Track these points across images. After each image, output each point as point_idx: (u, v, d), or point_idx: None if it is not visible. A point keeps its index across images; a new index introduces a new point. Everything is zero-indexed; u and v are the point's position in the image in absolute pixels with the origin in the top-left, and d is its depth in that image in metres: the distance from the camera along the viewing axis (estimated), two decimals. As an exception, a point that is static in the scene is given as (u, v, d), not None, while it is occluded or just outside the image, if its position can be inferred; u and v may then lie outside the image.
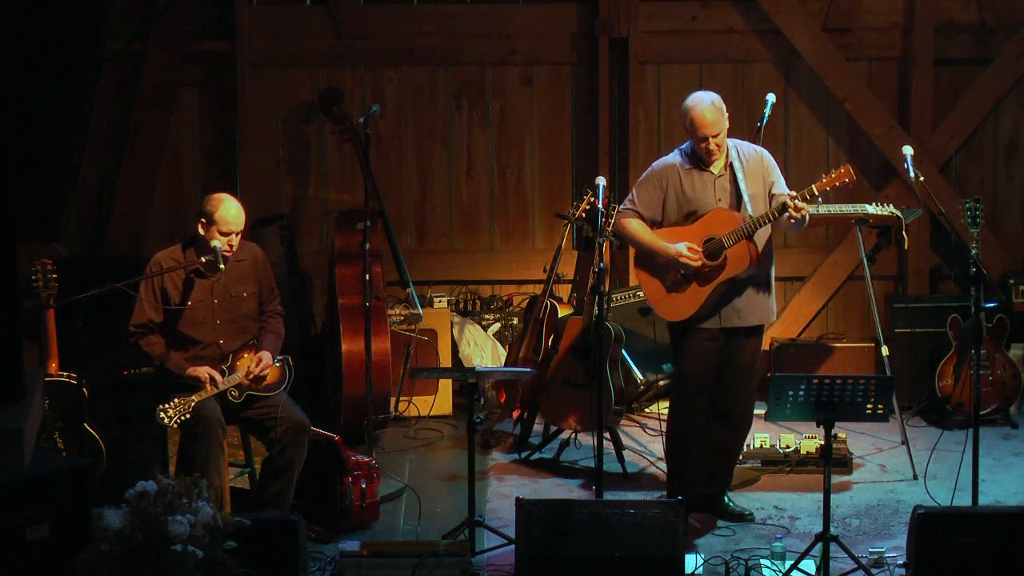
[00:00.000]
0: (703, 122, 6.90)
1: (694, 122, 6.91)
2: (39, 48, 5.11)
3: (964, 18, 9.43)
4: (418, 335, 8.76)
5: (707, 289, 6.97)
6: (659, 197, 7.04)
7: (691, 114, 6.92)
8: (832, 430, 6.36)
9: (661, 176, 7.06)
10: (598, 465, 6.89)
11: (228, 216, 6.85)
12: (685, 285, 7.01)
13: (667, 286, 7.04)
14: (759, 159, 7.10)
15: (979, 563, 6.13)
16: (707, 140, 6.91)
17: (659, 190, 7.04)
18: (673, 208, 7.04)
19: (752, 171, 7.03)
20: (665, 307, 7.09)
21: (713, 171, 7.00)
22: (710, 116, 6.90)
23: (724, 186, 7.01)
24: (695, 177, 7.01)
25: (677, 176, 7.03)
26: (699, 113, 6.90)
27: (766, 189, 7.06)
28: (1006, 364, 8.70)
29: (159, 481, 5.35)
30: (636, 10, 9.33)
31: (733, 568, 6.46)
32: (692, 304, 6.99)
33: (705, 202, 7.00)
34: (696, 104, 6.92)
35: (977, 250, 7.60)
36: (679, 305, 7.03)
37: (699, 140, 6.92)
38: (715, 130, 6.91)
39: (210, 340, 6.93)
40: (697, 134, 6.92)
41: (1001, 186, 9.60)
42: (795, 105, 9.52)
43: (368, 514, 7.17)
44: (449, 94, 9.57)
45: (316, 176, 9.57)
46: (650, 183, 7.08)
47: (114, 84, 9.23)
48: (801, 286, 9.61)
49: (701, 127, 6.90)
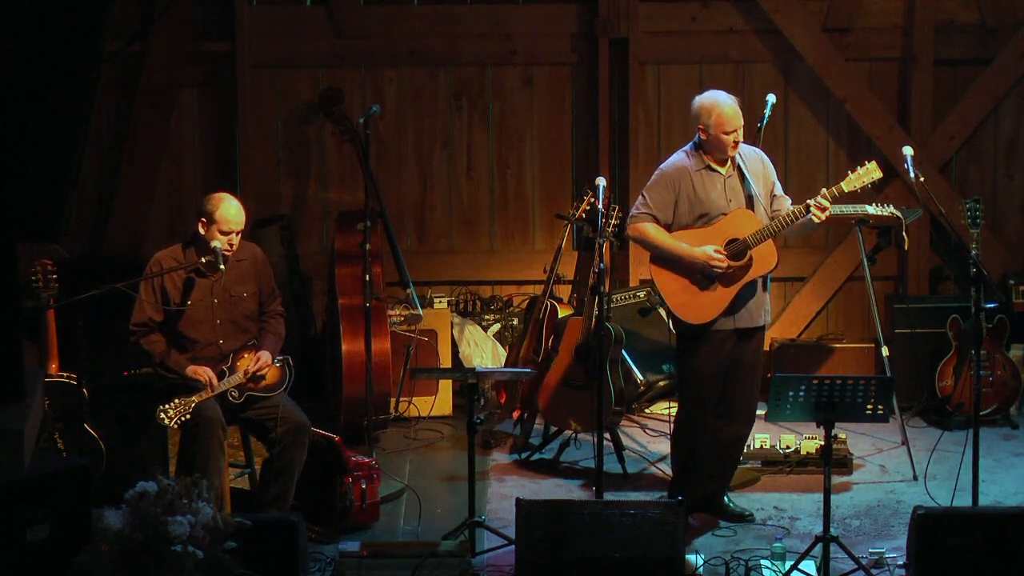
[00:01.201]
0: (729, 116, 6.91)
1: (722, 117, 6.90)
2: (39, 48, 5.11)
3: (964, 18, 9.43)
4: (418, 335, 8.76)
5: (733, 290, 6.96)
6: (672, 199, 7.03)
7: (717, 109, 6.91)
8: (832, 430, 6.37)
9: (673, 178, 7.04)
10: (598, 465, 6.89)
11: (228, 215, 6.85)
12: (710, 287, 7.00)
13: (691, 289, 7.00)
14: (759, 160, 7.12)
15: (979, 563, 6.13)
16: (735, 132, 6.92)
17: (672, 192, 7.03)
18: (684, 211, 7.02)
19: (755, 172, 7.05)
20: (689, 310, 7.02)
21: (722, 172, 7.01)
22: (732, 110, 6.93)
23: (734, 186, 7.01)
24: (706, 178, 7.01)
25: (688, 178, 7.02)
26: (724, 108, 6.91)
27: (768, 190, 7.07)
28: (1006, 364, 8.70)
29: (159, 481, 5.35)
30: (636, 10, 9.32)
31: (733, 568, 6.46)
32: (718, 306, 6.97)
33: (716, 203, 6.99)
34: (718, 100, 6.93)
35: (977, 250, 7.60)
36: (704, 307, 6.99)
37: (727, 134, 6.91)
38: (740, 123, 6.95)
39: (210, 340, 6.93)
40: (726, 128, 6.90)
41: (1001, 186, 9.60)
42: (795, 105, 9.52)
43: (368, 514, 7.17)
44: (449, 94, 9.57)
45: (316, 176, 9.57)
46: (662, 186, 7.04)
47: (114, 84, 9.23)
48: (801, 286, 9.61)
49: (729, 121, 6.90)
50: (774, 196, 7.09)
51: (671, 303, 7.08)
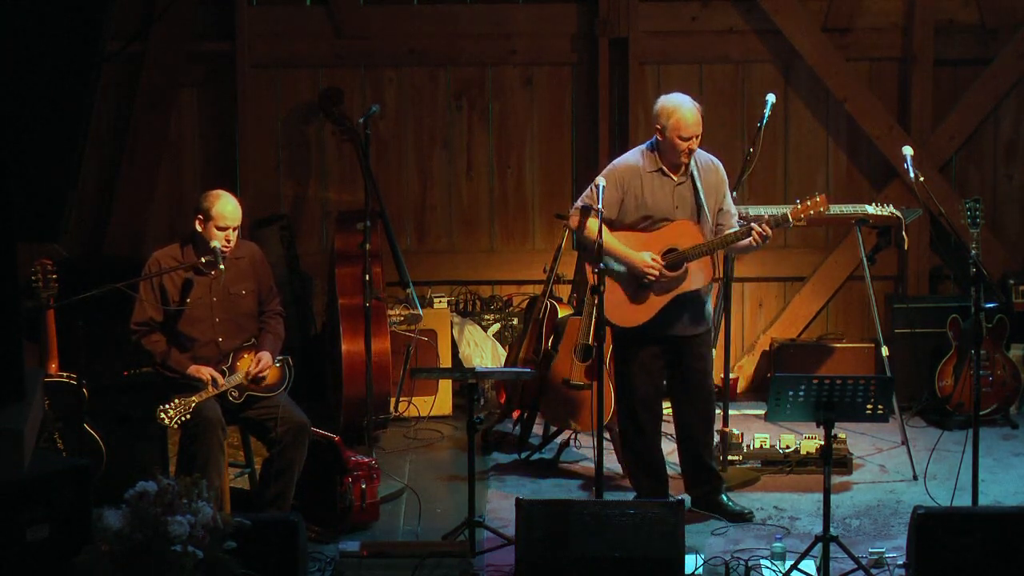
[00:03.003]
0: (687, 123, 6.88)
1: (680, 122, 6.87)
2: (39, 48, 5.11)
3: (964, 18, 9.43)
4: (418, 335, 8.76)
5: (663, 300, 6.96)
6: (618, 197, 6.99)
7: (677, 114, 6.88)
8: (832, 430, 6.37)
9: (622, 176, 7.01)
10: (598, 465, 6.89)
11: (225, 212, 6.85)
12: (641, 294, 6.98)
13: (622, 292, 6.99)
14: (715, 170, 7.08)
15: (979, 563, 6.13)
16: (690, 140, 6.89)
17: (619, 191, 6.99)
18: (630, 210, 7.00)
19: (707, 182, 7.02)
20: (617, 313, 7.01)
21: (674, 177, 6.99)
22: (692, 117, 6.90)
23: (683, 194, 6.99)
24: (656, 181, 6.99)
25: (639, 179, 6.99)
26: (684, 113, 6.88)
27: (716, 204, 7.04)
28: (1006, 364, 8.70)
29: (159, 481, 5.35)
30: (636, 10, 9.32)
31: (733, 568, 6.46)
32: (645, 313, 6.98)
33: (663, 208, 6.97)
34: (680, 104, 6.91)
35: (977, 250, 7.60)
36: (632, 313, 7.00)
37: (682, 140, 6.89)
38: (698, 131, 6.92)
39: (208, 338, 6.94)
40: (682, 134, 6.88)
41: (1001, 186, 9.60)
42: (795, 105, 9.51)
43: (368, 514, 7.17)
44: (449, 94, 9.57)
45: (316, 176, 9.57)
46: (610, 182, 6.98)
47: (114, 84, 9.23)
48: (801, 286, 9.61)
49: (686, 127, 6.88)
50: (721, 210, 7.06)
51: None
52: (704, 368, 7.17)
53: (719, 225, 7.04)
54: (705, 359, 7.19)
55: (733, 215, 7.10)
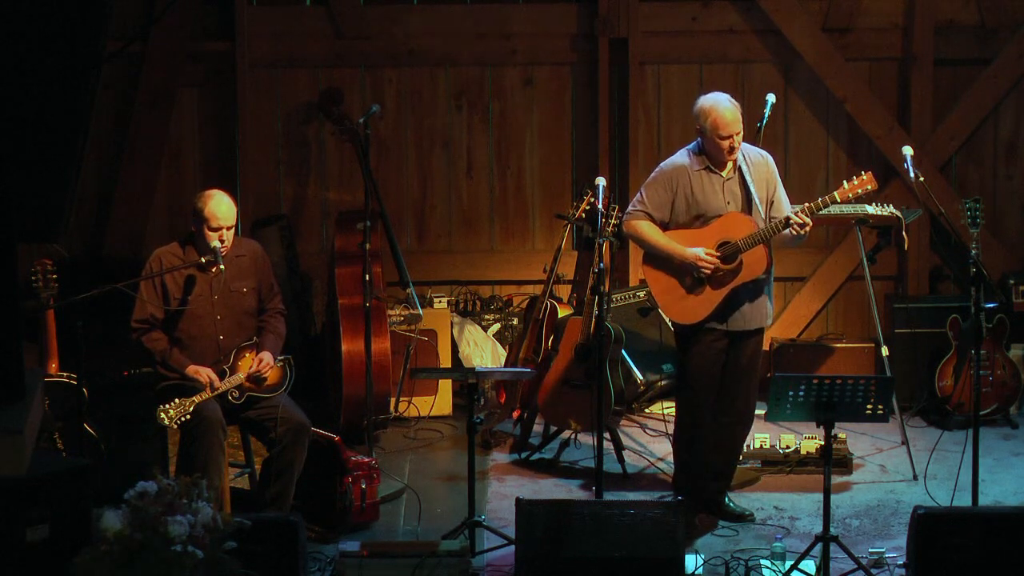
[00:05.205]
0: (726, 121, 6.89)
1: (718, 121, 6.88)
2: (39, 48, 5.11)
3: (964, 18, 9.43)
4: (418, 335, 8.76)
5: (722, 293, 6.96)
6: (669, 198, 7.03)
7: (714, 113, 6.89)
8: (832, 430, 6.37)
9: (671, 177, 7.04)
10: (598, 465, 6.89)
11: (218, 212, 6.84)
12: (698, 288, 7.00)
13: (680, 289, 7.01)
14: (765, 163, 7.10)
15: (979, 563, 6.13)
16: (731, 138, 6.90)
17: (669, 191, 7.03)
18: (682, 210, 7.03)
19: (758, 176, 7.03)
20: (677, 310, 7.06)
21: (722, 174, 7.00)
22: (731, 115, 6.91)
23: (733, 189, 7.01)
24: (705, 179, 7.01)
25: (687, 178, 7.02)
26: (721, 112, 6.89)
27: (769, 195, 7.06)
28: (1006, 364, 8.70)
29: (159, 481, 5.34)
30: (636, 10, 9.32)
31: (733, 568, 6.46)
32: (705, 307, 6.98)
33: (714, 205, 6.99)
34: (717, 103, 6.92)
35: (977, 250, 7.60)
36: (692, 308, 7.01)
37: (722, 139, 6.90)
38: (737, 128, 6.92)
39: (209, 335, 6.94)
40: (721, 133, 6.89)
41: (1001, 186, 9.60)
42: (795, 105, 9.51)
43: (368, 514, 7.17)
44: (449, 95, 9.57)
45: (316, 176, 9.57)
46: (660, 184, 7.05)
47: (114, 84, 9.24)
48: (801, 286, 9.61)
49: (725, 126, 6.88)
50: (772, 203, 7.08)
51: (660, 301, 7.13)
52: (752, 366, 7.14)
53: (772, 218, 7.04)
54: (756, 357, 7.15)
55: (786, 206, 7.09)
